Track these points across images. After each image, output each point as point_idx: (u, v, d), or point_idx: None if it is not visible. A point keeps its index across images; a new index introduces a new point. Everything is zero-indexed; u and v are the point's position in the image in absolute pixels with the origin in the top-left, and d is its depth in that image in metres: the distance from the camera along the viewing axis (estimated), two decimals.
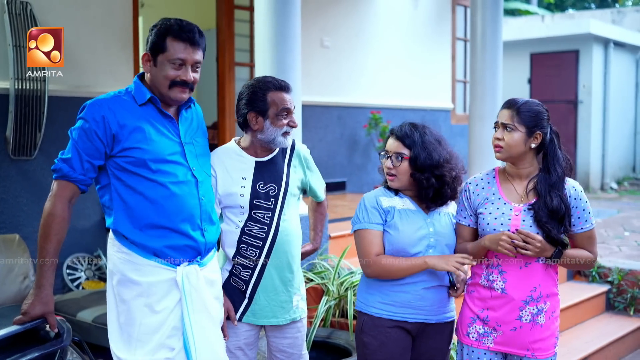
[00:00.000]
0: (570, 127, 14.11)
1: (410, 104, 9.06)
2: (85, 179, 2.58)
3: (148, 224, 2.59)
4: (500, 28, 6.76)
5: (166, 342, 2.58)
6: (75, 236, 5.43)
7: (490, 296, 2.87)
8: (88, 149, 2.55)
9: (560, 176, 2.82)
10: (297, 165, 3.10)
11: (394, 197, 2.94)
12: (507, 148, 2.83)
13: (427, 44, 9.36)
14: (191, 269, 2.63)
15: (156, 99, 2.64)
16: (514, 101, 2.86)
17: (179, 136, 2.69)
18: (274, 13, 4.66)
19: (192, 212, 2.66)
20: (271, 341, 3.11)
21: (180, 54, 2.59)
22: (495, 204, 2.87)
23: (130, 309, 2.58)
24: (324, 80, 7.96)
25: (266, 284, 2.98)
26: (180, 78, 2.61)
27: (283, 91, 2.96)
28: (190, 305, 2.60)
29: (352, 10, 8.28)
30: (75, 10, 5.57)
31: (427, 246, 2.87)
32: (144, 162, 2.57)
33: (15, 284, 4.59)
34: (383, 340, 2.86)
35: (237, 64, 7.17)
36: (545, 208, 2.77)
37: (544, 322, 2.82)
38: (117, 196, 2.61)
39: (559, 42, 14.18)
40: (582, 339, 5.27)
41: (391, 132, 2.95)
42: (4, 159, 5.14)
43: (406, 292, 2.86)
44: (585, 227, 2.85)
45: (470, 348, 2.92)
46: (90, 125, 2.54)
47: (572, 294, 5.82)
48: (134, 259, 2.59)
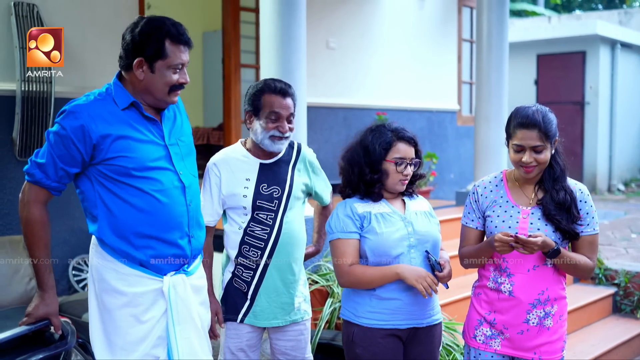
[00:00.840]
0: (577, 128, 14.08)
1: (416, 106, 9.05)
2: (59, 185, 2.51)
3: (134, 232, 2.50)
4: (506, 29, 6.76)
5: (151, 352, 2.53)
6: (81, 237, 5.43)
7: (497, 299, 2.85)
8: (64, 156, 2.45)
9: (563, 168, 2.83)
10: (301, 169, 3.11)
11: (369, 202, 2.87)
12: (540, 166, 2.79)
13: (433, 45, 9.34)
14: (178, 279, 2.57)
15: (138, 104, 2.54)
16: (534, 120, 2.75)
17: (164, 139, 2.60)
18: (279, 14, 4.66)
19: (180, 220, 2.58)
20: (274, 343, 3.11)
21: (180, 58, 2.52)
22: (503, 207, 2.86)
23: (114, 319, 2.52)
24: (330, 81, 7.95)
25: (267, 285, 2.98)
26: (179, 81, 2.55)
27: (279, 95, 2.94)
28: (175, 316, 2.54)
29: (358, 12, 8.27)
30: (81, 12, 5.58)
31: (409, 246, 2.81)
32: (128, 171, 2.48)
33: (21, 285, 4.60)
34: (375, 351, 2.80)
35: (242, 66, 7.16)
36: (552, 202, 2.78)
37: (551, 325, 2.81)
38: (101, 203, 2.51)
39: (566, 43, 14.15)
40: (589, 342, 5.25)
41: (405, 139, 2.87)
42: (10, 160, 5.15)
43: (397, 299, 2.80)
44: (587, 230, 2.83)
45: (477, 351, 2.90)
46: (67, 133, 2.43)
47: (579, 296, 5.81)
48: (119, 268, 2.52)
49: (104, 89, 2.58)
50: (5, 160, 5.12)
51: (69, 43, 5.44)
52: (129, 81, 2.56)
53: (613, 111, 14.43)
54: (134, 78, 2.53)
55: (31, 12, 5.10)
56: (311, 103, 7.37)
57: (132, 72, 2.53)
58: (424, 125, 9.19)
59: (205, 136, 8.49)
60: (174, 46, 2.50)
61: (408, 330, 2.84)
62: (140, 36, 2.49)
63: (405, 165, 2.84)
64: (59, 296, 5.17)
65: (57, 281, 5.33)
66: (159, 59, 2.49)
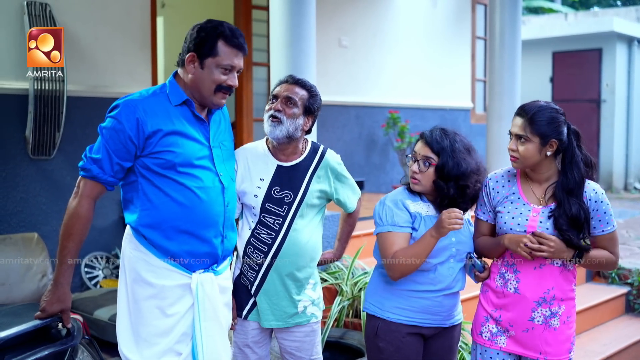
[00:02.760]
0: (593, 126, 13.97)
1: (429, 104, 9.03)
2: (115, 180, 2.57)
3: (172, 226, 2.56)
4: (519, 27, 6.72)
5: (174, 346, 2.57)
6: (94, 235, 5.48)
7: (503, 295, 2.85)
8: (119, 150, 2.51)
9: (578, 181, 2.74)
10: (322, 176, 3.02)
11: (419, 201, 2.88)
12: (522, 159, 2.76)
13: (446, 43, 9.32)
14: (206, 277, 2.62)
15: (191, 102, 2.61)
16: (527, 109, 2.75)
17: (209, 140, 2.66)
18: (288, 13, 4.67)
19: (217, 220, 2.64)
20: (280, 342, 3.10)
21: (231, 60, 2.57)
22: (514, 203, 2.84)
23: (141, 309, 2.57)
24: (342, 79, 7.95)
25: (268, 288, 2.96)
26: (227, 83, 2.59)
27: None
28: (202, 313, 2.59)
29: (370, 10, 8.26)
30: (94, 11, 5.62)
31: (449, 256, 2.85)
32: (173, 165, 2.54)
33: (33, 282, 4.65)
34: (398, 345, 2.85)
35: (254, 64, 7.18)
36: (565, 216, 2.71)
37: (558, 326, 2.79)
38: (143, 195, 2.57)
39: (582, 41, 14.04)
40: (600, 342, 5.22)
41: (421, 136, 2.89)
42: (23, 158, 5.20)
43: (425, 299, 2.84)
44: (607, 229, 2.80)
45: (483, 347, 2.90)
46: (123, 127, 2.49)
47: (591, 295, 5.78)
48: (150, 259, 2.57)
49: (158, 87, 2.66)
50: (18, 158, 5.17)
51: (81, 42, 5.50)
52: (182, 78, 2.64)
53: (630, 109, 14.29)
54: (185, 74, 2.62)
55: (44, 12, 5.15)
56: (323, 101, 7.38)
57: (185, 67, 2.61)
58: (437, 123, 9.05)
59: None
60: (226, 47, 2.56)
61: (432, 329, 2.90)
62: (197, 33, 2.59)
63: (415, 161, 2.85)
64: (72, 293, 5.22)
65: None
66: (210, 56, 2.56)
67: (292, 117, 2.91)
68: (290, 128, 2.91)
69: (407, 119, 8.18)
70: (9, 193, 5.15)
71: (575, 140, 2.78)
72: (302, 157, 3.00)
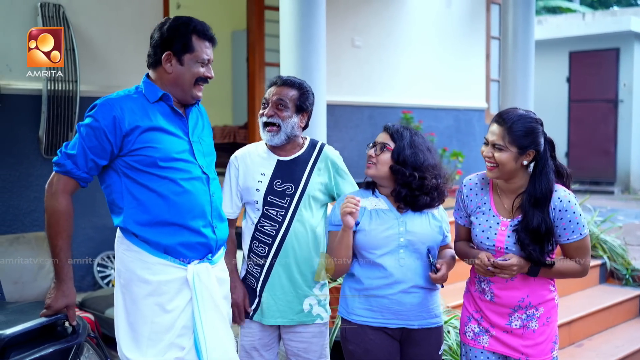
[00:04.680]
0: (610, 126, 13.87)
1: (443, 104, 9.01)
2: (88, 177, 2.60)
3: (160, 221, 2.58)
4: (532, 27, 6.68)
5: (176, 341, 2.58)
6: (106, 234, 5.52)
7: (481, 300, 2.87)
8: (95, 147, 2.54)
9: (545, 191, 2.70)
10: (322, 169, 3.07)
11: (370, 196, 2.89)
12: (500, 167, 2.72)
13: (460, 43, 9.29)
14: (202, 267, 2.63)
15: (168, 96, 2.64)
16: (506, 117, 2.71)
17: (188, 134, 2.70)
18: (298, 14, 4.68)
19: (204, 209, 2.66)
20: (286, 344, 3.10)
21: (207, 53, 2.65)
22: (485, 214, 2.83)
23: (140, 308, 2.58)
24: (355, 79, 7.95)
25: (273, 281, 2.98)
26: (205, 75, 2.66)
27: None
28: (201, 304, 2.60)
29: (384, 10, 8.25)
30: (107, 12, 5.67)
31: (398, 246, 2.79)
32: (155, 161, 2.57)
33: (46, 280, 4.69)
34: (367, 348, 2.80)
35: (267, 64, 7.20)
36: (527, 229, 2.69)
37: (536, 327, 2.80)
38: (128, 194, 2.60)
39: (599, 40, 13.95)
40: (613, 344, 5.18)
41: (384, 127, 2.92)
42: (36, 158, 5.26)
43: (383, 297, 2.79)
44: (572, 237, 2.74)
45: (467, 347, 2.91)
46: (99, 125, 2.53)
47: (604, 297, 5.74)
48: (145, 257, 2.59)
49: (133, 88, 2.69)
50: (31, 158, 5.23)
51: (93, 42, 5.55)
52: (157, 78, 2.67)
53: None
54: (162, 73, 2.65)
55: (57, 13, 5.20)
56: (336, 101, 7.41)
57: (161, 67, 2.65)
58: (451, 124, 9.14)
59: (232, 134, 8.55)
60: (200, 41, 2.64)
61: (399, 330, 2.83)
62: (168, 32, 2.63)
63: (372, 148, 2.87)
64: (84, 292, 5.28)
65: (83, 277, 5.44)
66: (187, 52, 2.62)
67: (286, 119, 2.97)
68: (287, 130, 2.99)
69: (420, 119, 8.17)
70: (22, 192, 5.21)
71: (549, 151, 2.76)
72: (301, 151, 3.07)
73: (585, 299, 5.64)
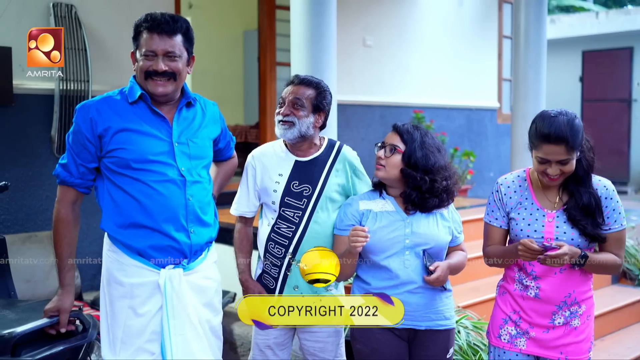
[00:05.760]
0: (624, 126, 13.77)
1: (454, 103, 8.98)
2: (83, 182, 2.61)
3: (132, 223, 2.57)
4: (544, 26, 6.65)
5: (146, 346, 2.57)
6: None
7: (522, 299, 2.82)
8: (81, 152, 2.57)
9: (586, 169, 2.71)
10: (340, 170, 3.04)
11: (377, 199, 2.88)
12: (566, 175, 2.69)
13: (472, 42, 9.25)
14: (174, 273, 2.60)
15: (146, 96, 2.61)
16: (561, 135, 2.59)
17: (171, 136, 2.65)
18: (309, 13, 4.68)
19: (176, 212, 2.60)
20: (302, 343, 3.09)
21: (150, 45, 2.58)
22: (528, 209, 2.80)
23: (115, 310, 2.59)
24: (367, 79, 7.94)
25: (291, 283, 2.97)
26: (152, 68, 2.57)
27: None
28: (170, 310, 2.57)
29: (395, 9, 8.24)
30: (119, 12, 5.69)
31: (403, 247, 2.78)
32: (127, 163, 2.56)
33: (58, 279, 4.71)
34: (374, 347, 2.80)
35: (278, 64, 7.20)
36: (577, 207, 2.70)
37: (578, 325, 2.77)
38: (107, 195, 2.61)
39: (613, 39, 13.85)
40: (625, 344, 5.14)
41: (393, 127, 2.89)
42: (49, 157, 5.29)
43: None
44: (614, 227, 2.76)
45: (502, 350, 2.86)
46: (79, 129, 2.57)
47: (616, 297, 5.70)
48: (121, 258, 2.59)
49: (117, 90, 2.70)
50: (43, 157, 5.26)
51: (106, 42, 5.57)
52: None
53: None
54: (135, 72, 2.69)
55: (69, 13, 5.23)
56: (348, 101, 7.40)
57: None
58: (463, 123, 9.11)
59: (243, 134, 8.57)
60: (147, 34, 2.60)
61: (406, 331, 2.81)
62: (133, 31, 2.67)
63: (381, 149, 2.83)
64: (96, 291, 5.30)
65: (94, 276, 5.46)
66: (137, 48, 2.63)
67: (302, 118, 2.94)
68: (302, 128, 2.94)
69: (432, 118, 8.15)
70: (35, 192, 5.24)
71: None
72: (319, 151, 3.03)
73: (597, 299, 5.44)
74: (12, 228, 5.12)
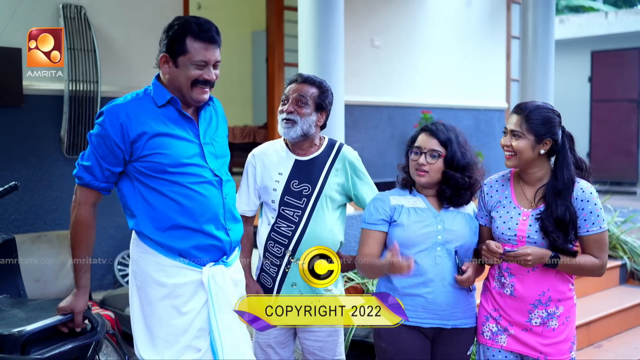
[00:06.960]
0: (633, 127, 13.71)
1: (462, 104, 8.97)
2: (108, 185, 2.60)
3: (173, 225, 2.57)
4: (553, 26, 6.66)
5: (193, 343, 2.59)
6: (127, 233, 5.50)
7: (500, 297, 2.86)
8: (107, 156, 2.53)
9: (567, 182, 2.74)
10: (339, 169, 3.06)
11: (406, 195, 2.90)
12: (517, 155, 2.77)
13: (480, 43, 9.24)
14: (217, 270, 2.62)
15: (176, 99, 2.60)
16: (524, 107, 2.80)
17: (199, 137, 2.66)
18: (317, 14, 4.70)
19: (216, 212, 2.63)
20: (302, 342, 3.11)
21: (203, 55, 2.56)
22: (506, 207, 2.84)
23: (156, 311, 2.59)
24: (375, 80, 7.95)
25: (289, 280, 2.99)
26: (203, 77, 2.57)
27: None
28: (216, 306, 2.59)
29: (403, 10, 8.24)
30: (127, 13, 5.73)
31: (435, 244, 2.80)
32: (164, 167, 2.55)
33: (67, 279, 4.75)
34: (400, 346, 2.81)
35: (286, 65, 7.23)
36: (551, 217, 2.72)
37: (556, 326, 2.80)
38: (140, 198, 2.59)
39: (622, 39, 13.80)
40: (632, 345, 5.13)
41: (423, 129, 2.89)
42: (58, 157, 5.32)
43: (419, 295, 2.79)
44: (592, 230, 2.76)
45: (485, 347, 2.90)
46: (108, 133, 2.52)
47: (624, 298, 5.68)
48: (160, 259, 2.59)
49: (142, 91, 2.66)
50: (53, 157, 5.30)
51: (114, 43, 5.61)
52: (163, 79, 2.65)
53: None
54: (164, 74, 2.63)
55: (78, 14, 5.26)
56: (355, 101, 7.42)
57: (161, 68, 2.63)
58: (471, 124, 9.10)
59: (252, 134, 8.59)
60: (196, 43, 2.55)
61: (432, 330, 2.83)
62: (166, 33, 2.60)
63: (420, 154, 2.83)
64: (105, 290, 5.35)
65: (104, 276, 5.50)
66: (182, 54, 2.56)
67: (305, 116, 2.96)
68: (304, 126, 2.96)
69: (439, 119, 8.12)
70: (44, 192, 5.28)
71: (568, 143, 2.80)
72: (319, 151, 3.06)
73: (604, 300, 5.59)
74: (22, 228, 5.16)
